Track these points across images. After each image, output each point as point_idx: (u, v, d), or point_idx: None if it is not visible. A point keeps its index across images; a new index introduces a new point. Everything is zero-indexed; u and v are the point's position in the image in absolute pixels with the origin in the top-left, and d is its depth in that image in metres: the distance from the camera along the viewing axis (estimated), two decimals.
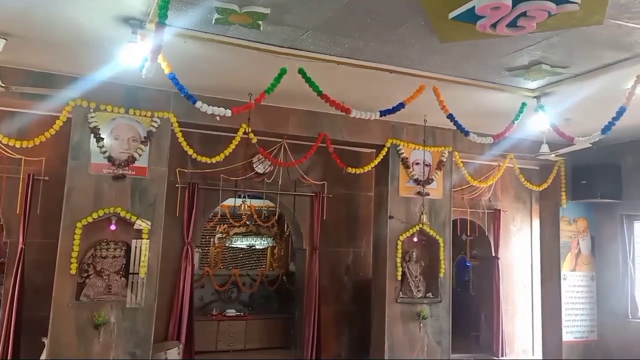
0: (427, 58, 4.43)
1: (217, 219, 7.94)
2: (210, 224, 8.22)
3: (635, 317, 6.92)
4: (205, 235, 8.40)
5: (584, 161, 7.14)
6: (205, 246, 8.48)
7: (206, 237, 8.47)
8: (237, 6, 3.47)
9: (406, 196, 6.66)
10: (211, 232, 8.56)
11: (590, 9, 3.26)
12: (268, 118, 6.01)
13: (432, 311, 6.60)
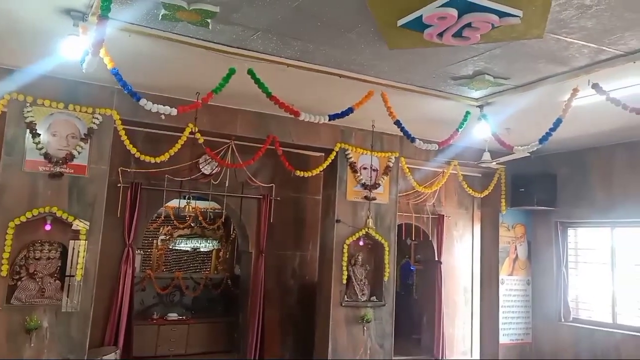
0: (376, 64, 4.48)
1: (161, 220, 7.75)
2: (153, 225, 8.01)
3: (567, 320, 7.23)
4: (148, 237, 8.17)
5: (523, 170, 7.44)
6: (147, 248, 8.25)
7: (149, 239, 8.24)
8: (185, 3, 3.39)
9: (353, 200, 6.71)
10: (154, 234, 8.34)
11: (531, 23, 3.39)
12: (216, 118, 5.91)
13: (376, 314, 6.67)
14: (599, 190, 6.91)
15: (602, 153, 6.89)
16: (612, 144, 6.73)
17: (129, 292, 6.13)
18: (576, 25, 3.50)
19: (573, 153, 7.21)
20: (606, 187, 6.82)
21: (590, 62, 4.14)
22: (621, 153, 6.67)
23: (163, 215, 7.59)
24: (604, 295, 6.95)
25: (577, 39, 3.72)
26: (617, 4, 3.18)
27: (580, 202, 7.13)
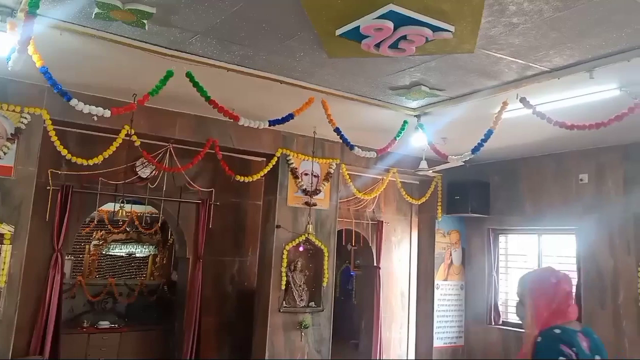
0: (317, 71, 4.52)
1: (94, 224, 7.46)
2: (85, 230, 7.70)
3: (497, 323, 7.53)
4: (80, 242, 7.85)
5: (459, 178, 7.70)
6: (79, 253, 7.91)
7: (80, 244, 7.91)
8: (120, 2, 3.30)
9: (294, 206, 6.73)
10: (86, 239, 8.01)
11: (463, 38, 3.54)
12: (154, 120, 5.78)
13: (314, 320, 6.70)
14: (528, 198, 7.25)
15: (531, 163, 7.24)
16: (540, 155, 7.08)
17: (57, 299, 5.86)
18: (505, 42, 3.67)
19: (505, 163, 7.54)
20: (534, 195, 7.17)
21: (519, 77, 4.35)
22: (548, 164, 7.03)
23: (96, 220, 7.31)
24: None
25: (506, 55, 3.91)
26: (542, 23, 3.36)
27: (511, 210, 7.45)
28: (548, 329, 2.22)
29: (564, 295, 2.29)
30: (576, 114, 4.61)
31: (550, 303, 2.27)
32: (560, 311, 2.27)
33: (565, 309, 2.28)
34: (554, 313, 2.25)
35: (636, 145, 6.08)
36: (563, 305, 2.28)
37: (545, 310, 2.26)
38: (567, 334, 2.19)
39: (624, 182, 6.21)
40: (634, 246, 6.02)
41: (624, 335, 5.99)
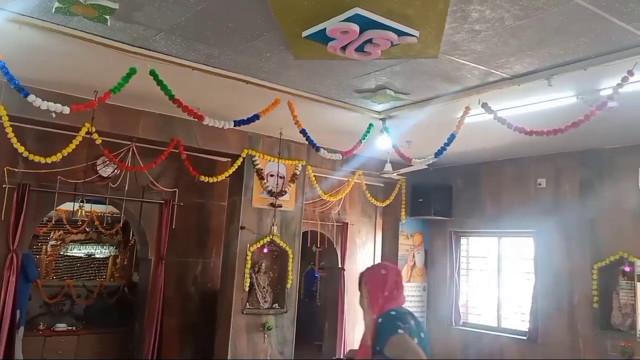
0: (283, 72, 4.51)
1: (52, 224, 7.25)
2: (42, 229, 7.47)
3: (458, 324, 7.66)
4: (37, 242, 7.61)
5: (422, 181, 7.81)
6: (35, 254, 7.66)
7: (37, 244, 7.67)
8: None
9: (259, 207, 6.69)
10: (44, 239, 7.77)
11: (427, 44, 3.59)
12: (116, 118, 5.66)
13: (278, 322, 6.68)
14: (489, 202, 7.41)
15: (492, 167, 7.40)
16: (500, 160, 7.25)
17: (11, 301, 5.66)
18: (467, 48, 3.75)
19: (467, 166, 7.69)
20: (495, 199, 7.34)
21: (481, 83, 4.45)
22: (508, 168, 7.21)
23: (54, 219, 7.10)
24: (491, 301, 7.46)
25: (469, 61, 3.99)
26: (503, 31, 3.45)
27: (472, 212, 7.61)
28: (385, 311, 2.59)
29: (394, 284, 2.68)
30: (535, 120, 4.74)
31: (382, 291, 2.65)
32: (392, 297, 2.65)
33: (397, 296, 2.67)
34: (387, 299, 2.63)
35: (592, 152, 6.30)
36: (394, 292, 2.66)
37: (380, 297, 2.64)
38: (400, 314, 2.58)
39: (579, 186, 6.42)
40: (589, 249, 6.22)
41: (578, 336, 6.19)
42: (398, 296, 2.67)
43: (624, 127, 5.33)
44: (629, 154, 5.94)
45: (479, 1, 3.07)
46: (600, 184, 6.22)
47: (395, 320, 2.51)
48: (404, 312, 2.61)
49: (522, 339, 6.77)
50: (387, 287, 2.66)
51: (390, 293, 2.65)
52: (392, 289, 2.66)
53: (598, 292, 6.09)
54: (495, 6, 3.12)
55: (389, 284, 2.67)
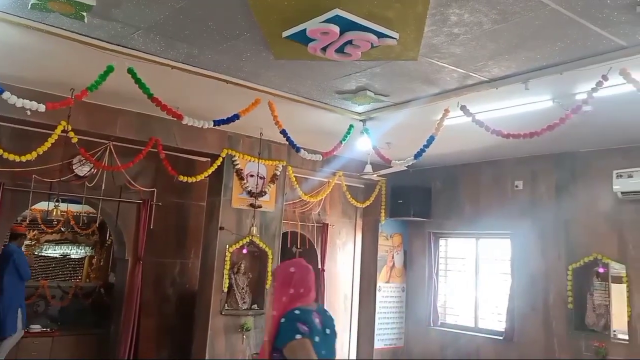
0: (263, 72, 4.50)
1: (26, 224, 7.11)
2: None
3: (436, 325, 7.73)
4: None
5: (402, 182, 7.86)
6: None
7: None
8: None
9: (238, 207, 6.66)
10: None
11: (407, 46, 3.62)
12: (93, 117, 5.57)
13: (256, 322, 6.65)
14: (467, 203, 7.49)
15: (470, 169, 7.49)
16: (479, 162, 7.34)
17: None
18: (446, 51, 3.79)
19: (446, 168, 7.76)
20: (473, 200, 7.42)
21: (459, 86, 4.50)
22: (486, 170, 7.29)
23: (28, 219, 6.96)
24: (468, 301, 7.54)
25: (448, 64, 4.03)
26: (481, 35, 3.49)
27: (451, 214, 7.68)
28: (290, 310, 2.66)
29: (302, 282, 2.76)
30: (512, 123, 4.81)
31: (288, 288, 2.73)
32: (299, 295, 2.73)
33: (306, 294, 2.75)
34: (293, 296, 2.71)
35: (567, 154, 6.41)
36: (301, 290, 2.74)
37: (285, 294, 2.72)
38: (304, 313, 2.65)
39: (555, 189, 6.53)
40: (564, 250, 6.33)
41: (553, 336, 6.29)
42: (306, 294, 2.75)
43: (599, 131, 5.44)
44: (604, 158, 6.06)
45: (457, 5, 3.11)
46: (575, 187, 6.33)
47: (296, 321, 2.60)
48: (309, 311, 2.69)
49: (499, 339, 6.85)
50: (293, 285, 2.74)
51: (297, 291, 2.73)
52: (298, 287, 2.74)
53: (573, 293, 6.20)
54: (473, 10, 3.15)
55: (297, 282, 2.75)
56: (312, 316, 2.67)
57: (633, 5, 2.99)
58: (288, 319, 2.63)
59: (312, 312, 2.70)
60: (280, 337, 2.61)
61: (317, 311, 2.75)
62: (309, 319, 2.64)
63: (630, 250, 5.77)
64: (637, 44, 3.49)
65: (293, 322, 2.61)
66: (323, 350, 2.67)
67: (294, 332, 2.58)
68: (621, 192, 5.67)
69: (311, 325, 2.62)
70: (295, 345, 2.56)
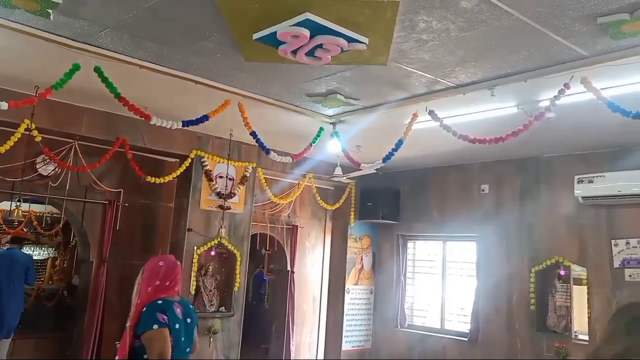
0: (233, 74, 4.48)
1: None
2: None
3: (403, 326, 7.80)
4: None
5: (371, 185, 7.92)
6: None
7: None
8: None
9: (207, 209, 6.60)
10: None
11: (376, 51, 3.66)
12: (58, 115, 5.45)
13: (224, 325, 6.61)
14: (435, 206, 7.60)
15: (438, 173, 7.60)
16: (446, 166, 7.45)
17: None
18: (415, 57, 3.84)
19: (415, 172, 7.85)
20: (441, 204, 7.53)
21: (428, 91, 4.57)
22: (454, 174, 7.41)
23: None
24: (435, 303, 7.65)
25: (416, 69, 4.09)
26: (448, 41, 3.56)
27: (419, 217, 7.77)
28: (154, 300, 2.93)
29: (168, 275, 3.03)
30: (479, 128, 4.90)
31: (155, 279, 2.99)
32: (164, 287, 3.00)
33: (171, 286, 3.03)
34: (158, 288, 2.98)
35: (531, 159, 6.58)
36: (167, 282, 3.01)
37: (151, 285, 2.97)
38: (166, 303, 2.93)
39: (519, 193, 6.68)
40: (527, 253, 6.49)
41: (516, 336, 6.44)
42: (171, 287, 3.03)
43: (562, 137, 5.60)
44: (566, 163, 6.23)
45: (425, 12, 3.16)
46: (539, 191, 6.50)
47: (157, 311, 2.87)
48: (171, 302, 2.98)
49: (464, 340, 6.97)
50: (160, 277, 3.00)
51: (162, 283, 3.00)
52: (165, 280, 3.01)
53: (535, 295, 6.35)
54: (441, 17, 3.21)
55: (163, 275, 3.01)
56: (174, 306, 2.96)
57: (594, 17, 3.10)
58: (149, 309, 2.88)
59: (174, 302, 2.99)
60: (141, 325, 2.84)
61: (179, 302, 3.04)
62: (170, 309, 2.92)
63: (590, 253, 5.95)
64: (598, 53, 3.61)
65: (154, 312, 2.86)
66: (183, 337, 2.98)
67: (153, 321, 2.83)
68: (582, 197, 5.84)
69: (171, 314, 2.90)
70: (152, 334, 2.82)
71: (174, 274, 3.07)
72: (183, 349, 3.00)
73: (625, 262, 5.64)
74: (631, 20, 3.05)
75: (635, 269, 5.57)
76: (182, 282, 3.12)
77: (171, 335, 2.88)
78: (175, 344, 2.90)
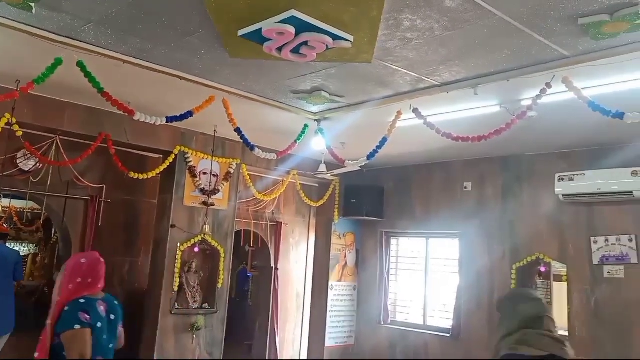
0: (218, 70, 4.46)
1: None
2: None
3: (386, 323, 7.86)
4: None
5: (355, 182, 7.95)
6: None
7: None
8: None
9: (191, 205, 6.57)
10: None
11: (361, 49, 3.68)
12: (39, 110, 5.38)
13: (207, 322, 6.59)
14: (418, 204, 7.66)
15: (422, 171, 7.65)
16: (430, 163, 7.51)
17: None
18: (400, 55, 3.87)
19: (399, 169, 7.90)
20: (424, 201, 7.59)
21: (412, 89, 4.60)
22: (437, 172, 7.47)
23: None
24: (418, 300, 7.71)
25: (401, 67, 4.12)
26: (432, 40, 3.59)
27: (402, 214, 7.82)
28: (76, 299, 2.90)
29: (90, 272, 3.01)
30: (462, 126, 4.95)
31: (76, 277, 2.97)
32: (88, 284, 2.98)
33: (94, 283, 3.01)
34: (80, 285, 2.95)
35: (513, 158, 6.66)
36: (91, 280, 3.00)
37: (72, 283, 2.95)
38: (88, 302, 2.92)
39: (502, 190, 6.77)
40: (508, 250, 6.57)
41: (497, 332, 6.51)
42: (94, 284, 3.01)
43: (543, 136, 5.67)
44: (547, 161, 6.32)
45: (410, 11, 3.18)
46: (521, 189, 6.58)
47: (79, 310, 2.85)
48: (94, 300, 2.97)
49: (446, 336, 7.04)
50: (82, 274, 2.99)
51: (85, 280, 2.98)
52: (87, 277, 3.00)
53: None
54: (425, 16, 3.24)
55: (85, 273, 3.00)
56: (97, 304, 2.96)
57: (575, 18, 3.16)
58: (71, 307, 2.85)
59: (98, 300, 3.00)
60: (61, 324, 2.82)
61: (103, 300, 3.04)
62: (92, 307, 2.91)
63: (570, 250, 6.05)
64: (579, 53, 3.67)
65: (76, 311, 2.84)
66: (105, 334, 2.99)
67: (75, 321, 2.81)
68: (563, 194, 5.93)
69: (94, 313, 2.90)
70: (74, 334, 2.81)
71: (97, 271, 3.06)
72: (105, 345, 3.02)
73: (604, 259, 5.75)
74: (611, 21, 3.11)
75: (614, 266, 5.69)
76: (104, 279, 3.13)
77: (93, 333, 2.89)
78: (97, 342, 2.91)
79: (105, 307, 3.02)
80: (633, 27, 3.18)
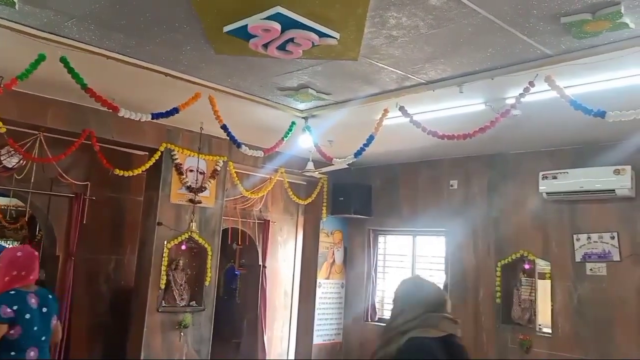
0: (204, 66, 4.44)
1: None
2: None
3: (373, 320, 7.89)
4: None
5: (343, 180, 7.97)
6: None
7: None
8: None
9: (177, 203, 6.55)
10: None
11: (347, 46, 3.69)
12: (23, 106, 5.32)
13: (195, 319, 6.57)
14: (406, 201, 7.69)
15: (409, 169, 7.68)
16: (417, 161, 7.54)
17: None
18: (386, 53, 3.88)
19: (386, 167, 7.93)
20: (411, 199, 7.62)
21: (398, 87, 4.62)
22: (424, 170, 7.51)
23: None
24: None
25: (387, 65, 4.13)
26: (418, 38, 3.61)
27: (390, 212, 7.85)
28: (7, 290, 3.07)
29: (25, 265, 3.17)
30: (448, 124, 4.98)
31: (12, 270, 3.13)
32: (22, 277, 3.14)
33: (27, 276, 3.17)
34: (15, 277, 3.11)
35: (498, 156, 6.71)
36: (25, 272, 3.15)
37: (7, 275, 3.11)
38: (18, 294, 3.10)
39: (487, 188, 6.82)
40: (493, 247, 6.63)
41: (482, 330, 6.58)
42: (27, 276, 3.17)
43: (527, 134, 5.72)
44: (531, 160, 6.38)
45: (396, 9, 3.19)
46: (505, 187, 6.63)
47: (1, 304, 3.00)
48: (24, 292, 3.13)
49: None
50: (17, 267, 3.15)
51: (19, 273, 3.13)
52: (21, 270, 3.15)
53: (501, 288, 6.49)
54: (410, 14, 3.25)
55: (20, 265, 3.16)
56: (28, 297, 3.12)
57: (557, 17, 3.19)
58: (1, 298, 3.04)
59: (29, 293, 3.15)
60: None
61: (35, 293, 3.19)
62: (22, 300, 3.08)
63: (553, 248, 6.12)
64: (561, 52, 3.70)
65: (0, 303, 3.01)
66: (36, 326, 3.14)
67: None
68: (546, 192, 5.99)
69: (23, 305, 3.06)
70: None
71: (31, 264, 3.21)
72: (38, 337, 3.15)
73: (586, 256, 5.82)
74: (593, 20, 3.14)
75: (596, 263, 5.76)
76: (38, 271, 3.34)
77: (22, 325, 3.05)
78: (26, 333, 3.07)
79: (37, 300, 3.16)
80: (615, 26, 3.21)
